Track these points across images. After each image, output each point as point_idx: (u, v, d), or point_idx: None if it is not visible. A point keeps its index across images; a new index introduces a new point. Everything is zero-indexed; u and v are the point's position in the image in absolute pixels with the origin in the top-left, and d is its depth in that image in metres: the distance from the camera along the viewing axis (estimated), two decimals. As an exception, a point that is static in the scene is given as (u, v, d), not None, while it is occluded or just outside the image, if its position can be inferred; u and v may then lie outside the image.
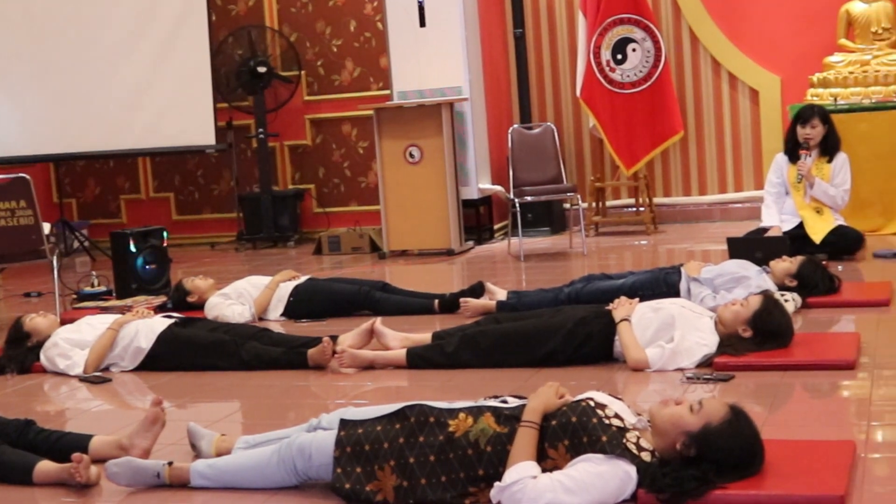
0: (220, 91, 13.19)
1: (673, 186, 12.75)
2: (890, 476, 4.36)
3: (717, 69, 12.52)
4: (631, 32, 11.88)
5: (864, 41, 11.63)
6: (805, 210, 9.52)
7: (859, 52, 11.55)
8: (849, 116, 10.85)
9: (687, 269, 7.59)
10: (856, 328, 6.96)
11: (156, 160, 14.13)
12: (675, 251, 10.79)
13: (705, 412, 4.07)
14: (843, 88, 11.24)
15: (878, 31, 11.56)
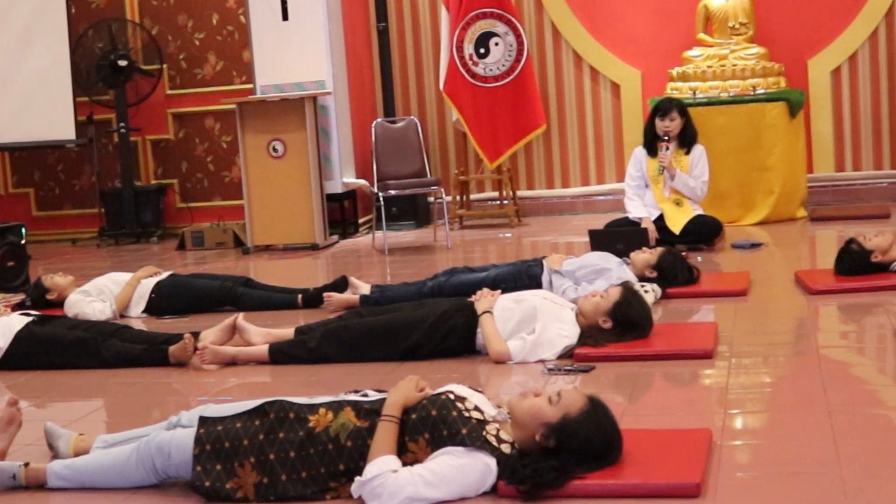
0: (80, 85, 13.00)
1: (536, 179, 12.84)
2: (746, 462, 4.44)
3: (578, 63, 12.63)
4: (493, 27, 11.94)
5: (722, 36, 11.81)
6: (665, 203, 9.66)
7: (717, 46, 11.72)
8: (707, 110, 11.02)
9: (549, 262, 7.65)
10: (714, 318, 7.08)
11: (14, 155, 13.86)
12: (538, 243, 10.87)
13: (564, 403, 4.11)
14: (701, 82, 11.40)
15: (735, 25, 11.74)
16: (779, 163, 11.01)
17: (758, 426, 5.01)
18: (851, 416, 4.90)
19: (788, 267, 8.59)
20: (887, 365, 5.90)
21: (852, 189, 12.18)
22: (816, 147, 12.11)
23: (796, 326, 6.97)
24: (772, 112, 11.03)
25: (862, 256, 7.67)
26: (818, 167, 12.12)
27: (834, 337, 6.75)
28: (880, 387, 5.57)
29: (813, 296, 7.46)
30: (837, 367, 5.91)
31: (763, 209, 10.99)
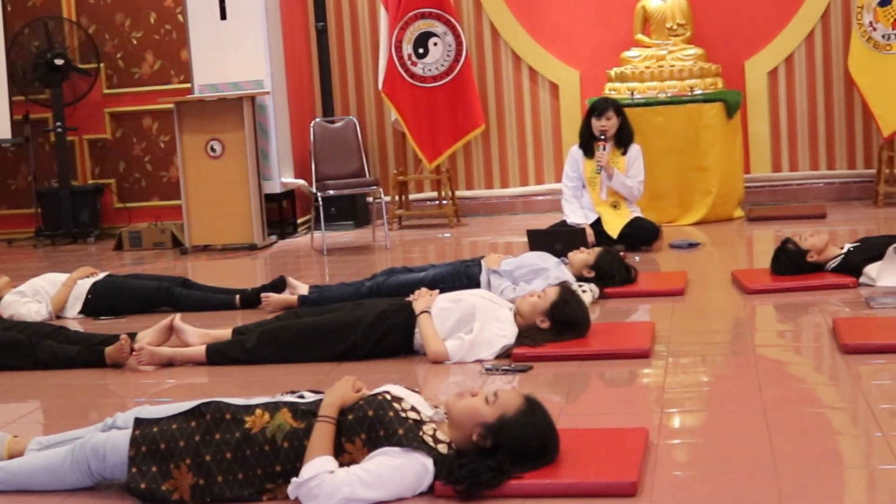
0: (16, 84, 12.89)
1: (475, 179, 12.84)
2: (682, 461, 4.46)
3: (517, 63, 12.65)
4: (432, 27, 11.93)
5: (659, 37, 11.86)
6: (601, 206, 9.69)
7: (655, 47, 11.77)
8: (645, 110, 11.07)
9: (487, 262, 7.66)
10: (651, 318, 7.12)
11: (-52, 155, 13.74)
12: (477, 243, 10.88)
13: (500, 403, 4.12)
14: (639, 83, 11.44)
15: (673, 27, 11.80)
16: (716, 163, 11.07)
17: (694, 425, 5.05)
18: (787, 415, 4.94)
19: (725, 267, 8.65)
20: (823, 364, 5.95)
21: (789, 189, 12.28)
22: (753, 147, 12.19)
23: (733, 326, 7.01)
24: (709, 113, 11.09)
25: (798, 256, 7.73)
26: (755, 167, 12.20)
27: (770, 336, 6.80)
28: (817, 385, 5.62)
29: (749, 295, 7.51)
30: (774, 365, 5.96)
31: (700, 209, 11.05)
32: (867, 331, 6.19)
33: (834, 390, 5.45)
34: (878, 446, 4.46)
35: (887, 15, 11.33)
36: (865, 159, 12.20)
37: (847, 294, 7.35)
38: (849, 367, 5.65)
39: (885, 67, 11.34)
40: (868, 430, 4.68)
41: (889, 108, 11.33)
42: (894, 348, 5.86)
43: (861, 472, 4.28)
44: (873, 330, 6.23)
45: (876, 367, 5.65)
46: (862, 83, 11.51)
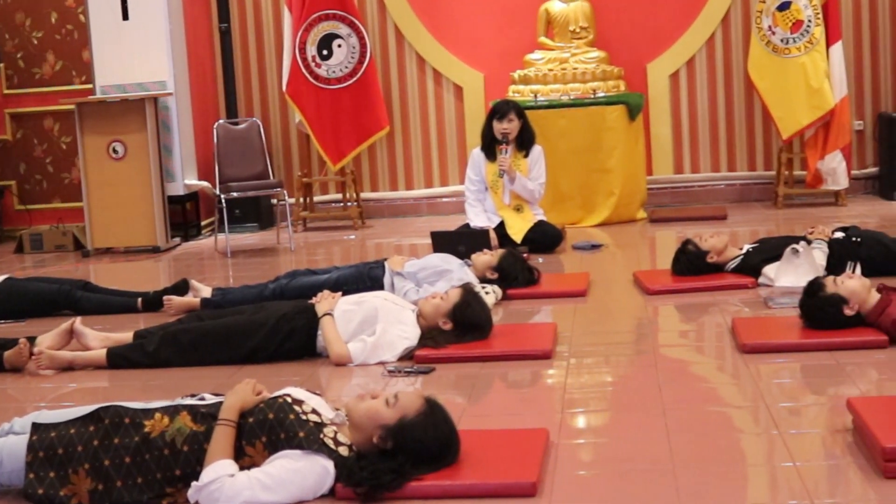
0: (-87, 85, 12.71)
1: (380, 181, 12.83)
2: (582, 461, 4.51)
3: (422, 65, 12.66)
4: (336, 28, 11.91)
5: (563, 39, 11.93)
6: (504, 210, 9.75)
7: (558, 50, 11.83)
8: (548, 113, 11.12)
9: (390, 264, 7.67)
10: (554, 318, 7.16)
11: None
12: (382, 245, 10.88)
13: (401, 405, 4.13)
14: (543, 85, 11.50)
15: (576, 29, 11.87)
16: (619, 165, 11.16)
17: (595, 425, 5.09)
18: (686, 414, 5.01)
19: (628, 268, 8.72)
20: (723, 363, 6.02)
21: (691, 191, 12.40)
22: (656, 149, 12.31)
23: (634, 326, 7.08)
24: (611, 115, 11.17)
25: (698, 257, 7.83)
26: (657, 169, 12.32)
27: (671, 336, 6.88)
28: (717, 385, 5.69)
29: (650, 296, 7.59)
30: (674, 365, 6.03)
31: (603, 211, 11.13)
32: (765, 331, 6.28)
33: (734, 389, 5.52)
34: (779, 444, 4.52)
35: (786, 19, 11.48)
36: (765, 161, 12.36)
37: (746, 294, 7.45)
38: (748, 366, 5.73)
39: (784, 71, 11.48)
40: (769, 428, 4.75)
41: (788, 111, 11.49)
42: (791, 348, 5.98)
43: (762, 470, 4.35)
44: (771, 330, 6.32)
45: (776, 366, 5.74)
46: (761, 86, 11.66)
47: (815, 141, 11.59)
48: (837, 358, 5.76)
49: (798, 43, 11.46)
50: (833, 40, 11.54)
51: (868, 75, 12.31)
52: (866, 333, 5.99)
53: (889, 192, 11.83)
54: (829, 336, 5.99)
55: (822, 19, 11.43)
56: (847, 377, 5.48)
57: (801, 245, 7.54)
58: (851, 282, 6.13)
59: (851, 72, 12.05)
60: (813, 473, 4.22)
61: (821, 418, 4.92)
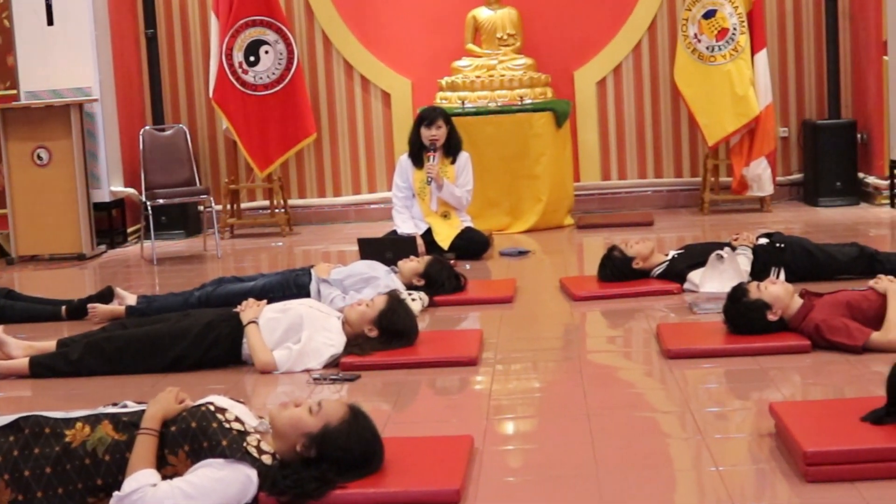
0: None
1: (308, 188, 12.80)
2: (507, 468, 4.51)
3: (349, 72, 12.64)
4: (263, 34, 11.86)
5: (490, 46, 11.96)
6: (432, 217, 9.75)
7: (486, 57, 11.86)
8: (476, 119, 11.15)
9: (317, 271, 7.65)
10: (480, 325, 7.16)
11: None
12: (310, 252, 10.85)
13: (324, 413, 4.12)
14: (470, 92, 11.51)
15: (503, 36, 11.91)
16: (546, 171, 11.19)
17: (520, 431, 5.10)
18: (612, 420, 5.03)
19: (555, 274, 8.74)
20: (648, 369, 6.05)
21: (618, 197, 12.47)
22: (583, 156, 12.37)
23: (560, 332, 7.11)
24: (539, 122, 11.20)
25: (624, 263, 7.87)
26: (585, 176, 12.37)
27: (596, 342, 6.92)
28: (642, 390, 5.72)
29: (577, 302, 7.62)
30: (600, 371, 6.06)
31: (531, 217, 11.16)
32: (689, 336, 6.31)
33: (659, 395, 5.54)
34: (704, 449, 4.55)
35: (711, 27, 11.58)
36: (692, 168, 12.46)
37: (672, 300, 7.50)
38: (673, 371, 5.76)
39: (710, 78, 11.59)
40: (693, 433, 4.78)
41: (714, 117, 11.59)
42: (715, 353, 6.02)
43: (687, 475, 4.38)
44: (695, 335, 6.35)
45: (701, 371, 5.78)
46: (687, 93, 11.75)
47: (740, 148, 11.69)
48: (761, 363, 5.81)
49: (723, 51, 11.57)
50: (758, 48, 11.66)
51: (792, 83, 12.44)
52: (789, 338, 6.04)
53: (813, 199, 11.96)
54: (753, 341, 6.04)
55: (748, 27, 11.55)
56: (770, 382, 5.53)
57: (725, 251, 7.60)
58: (775, 287, 6.18)
59: (776, 79, 12.16)
60: (737, 478, 4.25)
61: (745, 423, 4.96)
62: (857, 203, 11.85)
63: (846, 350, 5.87)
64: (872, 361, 5.64)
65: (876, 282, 6.19)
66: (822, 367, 5.75)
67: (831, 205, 11.78)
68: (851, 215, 11.20)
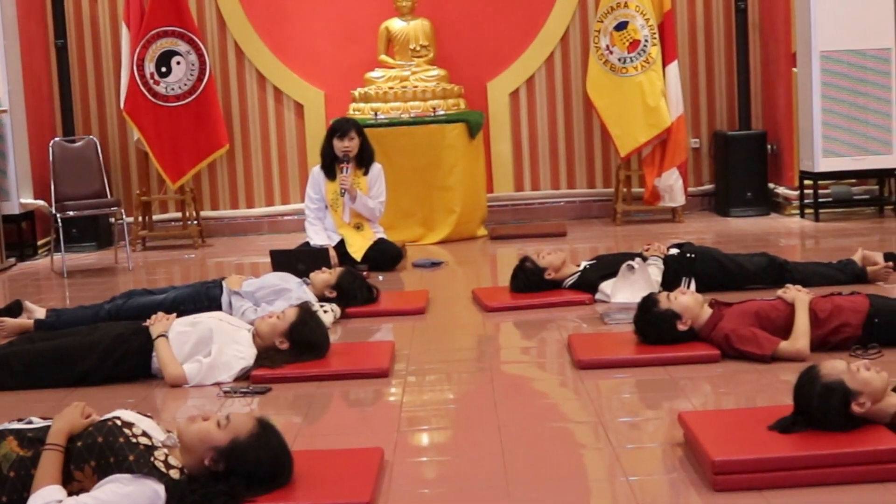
0: None
1: (221, 199, 12.72)
2: (416, 480, 4.50)
3: (262, 83, 12.59)
4: (175, 45, 11.78)
5: (403, 58, 11.96)
6: (344, 228, 9.73)
7: (399, 68, 11.86)
8: (389, 131, 11.13)
9: (228, 283, 7.59)
10: (392, 336, 7.16)
11: None
12: (223, 264, 10.78)
13: (232, 427, 4.09)
14: (383, 103, 11.50)
15: (416, 48, 11.92)
16: (459, 183, 11.20)
17: (431, 443, 5.09)
18: (523, 431, 5.04)
19: (468, 285, 8.77)
20: (562, 379, 6.06)
21: (531, 208, 12.52)
22: (496, 167, 12.40)
23: (472, 344, 7.12)
24: (452, 133, 11.21)
25: (535, 274, 7.90)
26: (498, 187, 12.41)
27: (508, 353, 6.93)
28: (555, 401, 5.75)
29: (489, 313, 7.63)
30: (511, 382, 6.07)
31: (444, 228, 11.16)
32: (600, 346, 6.35)
33: (571, 405, 5.56)
34: (615, 459, 4.57)
35: (623, 39, 11.67)
36: (604, 179, 12.53)
37: (583, 310, 7.53)
38: (584, 382, 5.79)
39: (622, 89, 11.68)
40: (605, 443, 4.80)
41: (626, 129, 11.68)
42: (626, 363, 6.06)
43: (597, 486, 4.41)
44: (606, 345, 6.39)
45: (613, 381, 5.82)
46: (600, 105, 11.83)
47: (652, 158, 11.79)
48: (671, 373, 5.85)
49: (635, 62, 11.66)
50: (669, 60, 11.77)
51: (703, 94, 12.55)
52: (699, 348, 6.09)
53: (724, 209, 12.08)
54: (663, 351, 6.08)
55: (659, 39, 11.65)
56: (681, 392, 5.56)
57: (636, 262, 7.65)
58: (684, 297, 6.23)
59: (687, 90, 12.27)
60: (648, 488, 4.28)
61: (656, 433, 4.99)
62: (768, 213, 11.98)
63: (755, 359, 5.93)
64: (781, 370, 5.69)
65: (784, 291, 6.26)
66: (732, 376, 5.80)
67: (742, 215, 11.91)
68: (762, 225, 11.32)
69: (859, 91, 11.15)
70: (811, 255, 9.40)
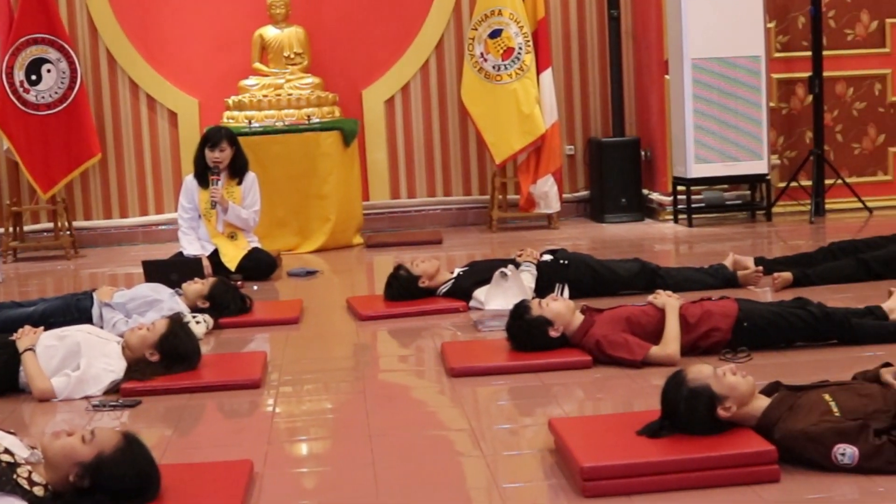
0: None
1: (94, 209, 12.54)
2: (286, 492, 4.47)
3: (135, 91, 12.43)
4: (45, 53, 11.60)
5: (277, 65, 11.90)
6: (218, 238, 9.64)
7: (273, 76, 11.79)
8: (263, 139, 11.06)
9: (99, 294, 7.48)
10: (266, 347, 7.11)
11: None
12: (97, 275, 10.62)
13: (97, 442, 4.04)
14: (257, 111, 11.42)
15: (290, 55, 11.85)
16: (334, 191, 11.16)
17: (303, 454, 5.07)
18: (396, 440, 5.04)
19: (343, 294, 8.74)
20: (435, 388, 6.07)
21: (407, 215, 12.51)
22: (372, 175, 12.38)
23: (345, 353, 7.10)
24: (326, 141, 11.16)
25: (410, 282, 7.90)
26: (374, 194, 12.38)
27: (382, 362, 6.93)
28: (427, 409, 5.77)
29: (363, 321, 7.61)
30: (385, 391, 6.07)
31: (320, 237, 11.11)
32: (473, 354, 6.36)
33: (443, 414, 5.57)
34: (485, 467, 4.59)
35: (497, 46, 11.73)
36: (480, 186, 12.57)
37: (458, 318, 7.55)
38: (456, 389, 5.80)
39: (496, 97, 11.73)
40: (477, 451, 4.81)
41: (500, 136, 11.73)
42: (498, 370, 6.08)
43: (468, 494, 4.41)
44: (479, 353, 6.41)
45: (486, 389, 5.84)
46: (474, 112, 11.87)
47: (527, 165, 11.86)
48: (543, 379, 5.87)
49: (509, 70, 11.72)
50: (543, 67, 11.85)
51: (578, 101, 12.65)
52: (571, 354, 6.13)
53: (599, 215, 12.18)
54: (536, 358, 6.11)
55: (533, 47, 11.72)
56: (553, 398, 5.59)
57: (509, 268, 7.67)
58: (556, 304, 6.27)
59: (562, 98, 12.36)
60: (518, 495, 4.29)
61: (527, 440, 5.00)
62: (642, 219, 12.11)
63: (626, 365, 5.98)
64: (652, 375, 5.74)
65: (655, 297, 6.33)
66: (604, 381, 5.85)
67: (617, 221, 12.01)
68: (636, 231, 11.44)
69: (730, 98, 11.31)
70: (685, 260, 9.52)
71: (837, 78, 11.96)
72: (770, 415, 4.42)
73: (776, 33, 11.95)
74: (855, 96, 12.07)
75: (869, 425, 4.26)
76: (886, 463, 4.20)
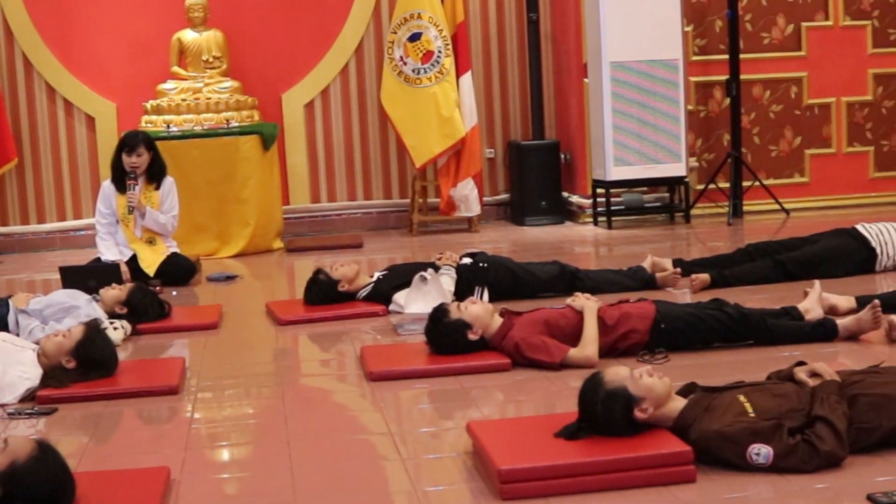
0: None
1: (10, 215, 12.39)
2: (203, 498, 4.45)
3: (52, 95, 12.31)
4: (-39, 57, 11.49)
5: (196, 69, 11.82)
6: (136, 244, 9.54)
7: (192, 79, 11.72)
8: (182, 143, 10.98)
9: (14, 301, 7.40)
10: (184, 352, 7.07)
11: None
12: (14, 282, 10.50)
13: (10, 450, 4.00)
14: (176, 115, 11.35)
15: (209, 59, 11.79)
16: (254, 195, 11.11)
17: (219, 460, 5.04)
18: (312, 445, 5.03)
19: (264, 298, 8.69)
20: (355, 392, 6.05)
21: (328, 219, 12.48)
22: (292, 179, 12.34)
23: (264, 358, 7.07)
24: (245, 145, 11.11)
25: (329, 286, 7.88)
26: (294, 199, 12.34)
27: (302, 367, 6.93)
28: (346, 414, 5.74)
29: (283, 326, 7.58)
30: (304, 396, 6.06)
31: (239, 241, 11.05)
32: (392, 358, 6.35)
33: (366, 417, 5.56)
34: (403, 471, 4.60)
35: (417, 50, 11.73)
36: (401, 189, 12.56)
37: (378, 322, 7.54)
38: (376, 394, 5.80)
39: (416, 100, 11.72)
40: (396, 455, 4.81)
41: (420, 139, 11.73)
42: (417, 374, 6.08)
43: (387, 498, 4.40)
44: (398, 357, 6.40)
45: (406, 392, 5.85)
46: (394, 115, 11.86)
47: (447, 169, 11.87)
48: (463, 382, 5.88)
49: (429, 73, 11.73)
50: (463, 70, 11.87)
51: (498, 104, 12.68)
52: (490, 357, 6.15)
53: (520, 218, 12.22)
54: (455, 361, 6.12)
55: (452, 50, 11.74)
56: (472, 401, 5.60)
57: (429, 272, 7.68)
58: (475, 307, 6.28)
59: (482, 101, 12.39)
60: (439, 498, 4.31)
61: (451, 443, 4.99)
62: (563, 222, 12.15)
63: (545, 367, 6.01)
64: (570, 377, 5.75)
65: (573, 299, 6.36)
66: (523, 384, 5.87)
67: (537, 224, 12.06)
68: (557, 234, 11.48)
69: (649, 100, 11.40)
70: (604, 263, 9.56)
71: (754, 81, 12.08)
72: (686, 416, 4.46)
73: (694, 37, 12.06)
74: (772, 99, 12.20)
75: (783, 425, 4.30)
76: (801, 462, 4.25)
